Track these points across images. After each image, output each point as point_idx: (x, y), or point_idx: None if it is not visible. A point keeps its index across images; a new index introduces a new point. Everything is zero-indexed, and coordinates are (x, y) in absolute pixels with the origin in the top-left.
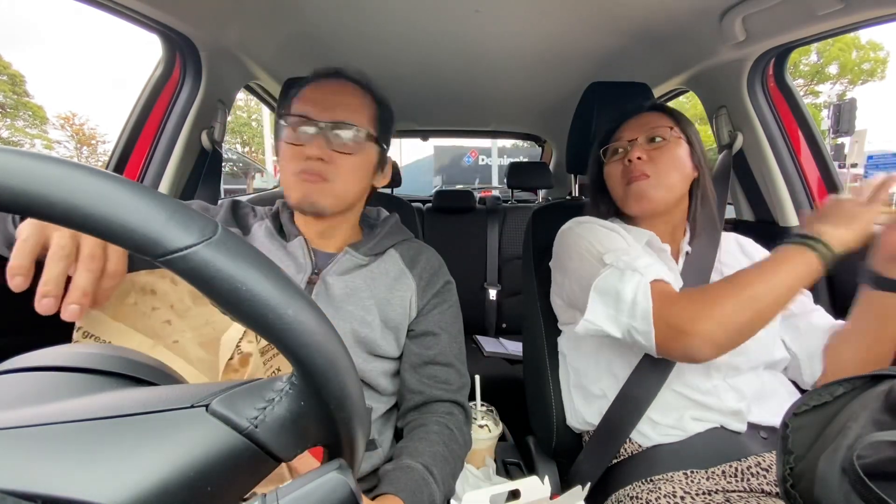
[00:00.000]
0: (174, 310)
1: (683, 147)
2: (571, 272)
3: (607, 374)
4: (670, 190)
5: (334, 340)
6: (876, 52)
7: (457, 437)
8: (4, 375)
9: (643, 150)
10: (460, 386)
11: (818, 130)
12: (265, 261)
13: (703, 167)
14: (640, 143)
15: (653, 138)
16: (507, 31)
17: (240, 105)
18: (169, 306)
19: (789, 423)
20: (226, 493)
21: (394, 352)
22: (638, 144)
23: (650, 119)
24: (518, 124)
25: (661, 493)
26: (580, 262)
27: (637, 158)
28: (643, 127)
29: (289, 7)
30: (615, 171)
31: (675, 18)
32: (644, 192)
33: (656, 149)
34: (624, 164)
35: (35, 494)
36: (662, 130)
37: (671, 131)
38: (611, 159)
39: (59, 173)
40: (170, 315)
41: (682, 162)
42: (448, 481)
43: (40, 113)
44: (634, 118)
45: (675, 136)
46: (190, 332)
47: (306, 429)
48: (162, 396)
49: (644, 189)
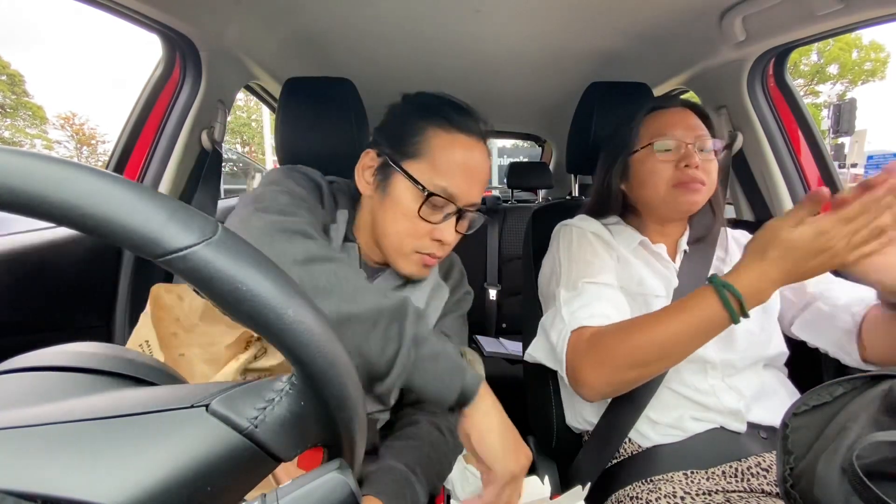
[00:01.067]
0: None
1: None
2: (543, 285)
3: None
4: (707, 198)
5: (334, 340)
6: (877, 53)
7: (447, 439)
8: (4, 375)
9: (698, 159)
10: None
11: (818, 130)
12: (265, 261)
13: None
14: (694, 149)
15: (704, 148)
16: (507, 31)
17: (240, 105)
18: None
19: (789, 423)
20: (226, 493)
21: None
22: (695, 150)
23: (695, 119)
24: (518, 124)
25: (661, 493)
26: (548, 283)
27: (696, 167)
28: (695, 130)
29: (289, 7)
30: (665, 171)
31: (675, 18)
32: (696, 203)
33: (708, 161)
34: (678, 167)
35: (35, 494)
36: (713, 143)
37: (716, 151)
38: (662, 155)
39: (58, 173)
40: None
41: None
42: (434, 482)
43: (40, 113)
44: (680, 113)
45: (716, 145)
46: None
47: (306, 429)
48: (162, 396)
49: (697, 200)
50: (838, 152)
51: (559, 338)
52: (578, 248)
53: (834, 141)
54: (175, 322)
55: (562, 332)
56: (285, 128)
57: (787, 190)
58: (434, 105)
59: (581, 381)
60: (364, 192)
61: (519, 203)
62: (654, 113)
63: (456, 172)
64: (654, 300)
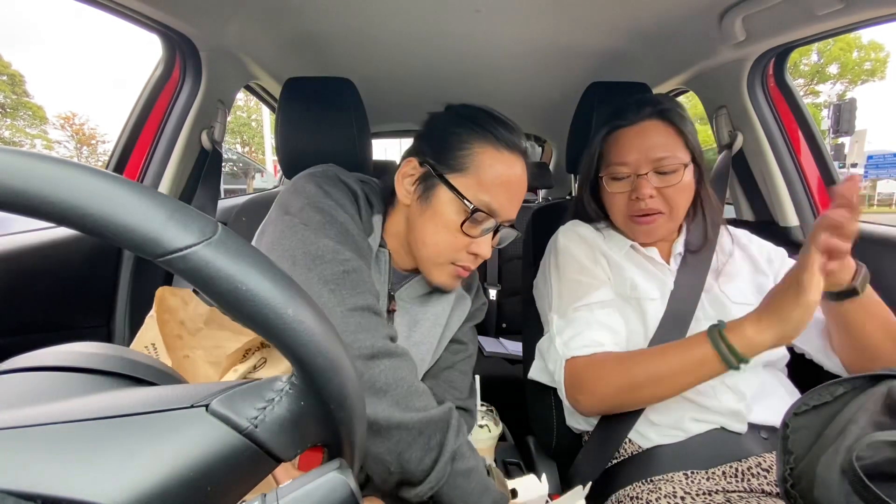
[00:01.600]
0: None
1: (690, 170)
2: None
3: None
4: (679, 220)
5: (334, 340)
6: (877, 53)
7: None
8: (4, 375)
9: (654, 186)
10: (469, 394)
11: (818, 130)
12: (265, 261)
13: (704, 179)
14: (650, 176)
15: (663, 171)
16: (507, 31)
17: (240, 105)
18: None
19: (789, 423)
20: (226, 493)
21: (428, 366)
22: (647, 178)
23: (658, 139)
24: (518, 124)
25: (661, 493)
26: (541, 298)
27: (649, 197)
28: (651, 152)
29: (289, 7)
30: (619, 202)
31: (675, 18)
32: (654, 233)
33: (668, 186)
34: (630, 199)
35: (35, 494)
36: (672, 160)
37: (685, 166)
38: (613, 186)
39: (58, 173)
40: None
41: (690, 188)
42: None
43: (40, 113)
44: (637, 129)
45: (684, 160)
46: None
47: (306, 429)
48: (162, 396)
49: (654, 229)
50: (838, 152)
51: (556, 367)
52: (566, 267)
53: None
54: (179, 325)
55: (557, 362)
56: (285, 128)
57: (787, 190)
58: (481, 119)
59: (578, 405)
60: (403, 200)
61: None
62: (614, 134)
63: (500, 189)
64: (649, 303)
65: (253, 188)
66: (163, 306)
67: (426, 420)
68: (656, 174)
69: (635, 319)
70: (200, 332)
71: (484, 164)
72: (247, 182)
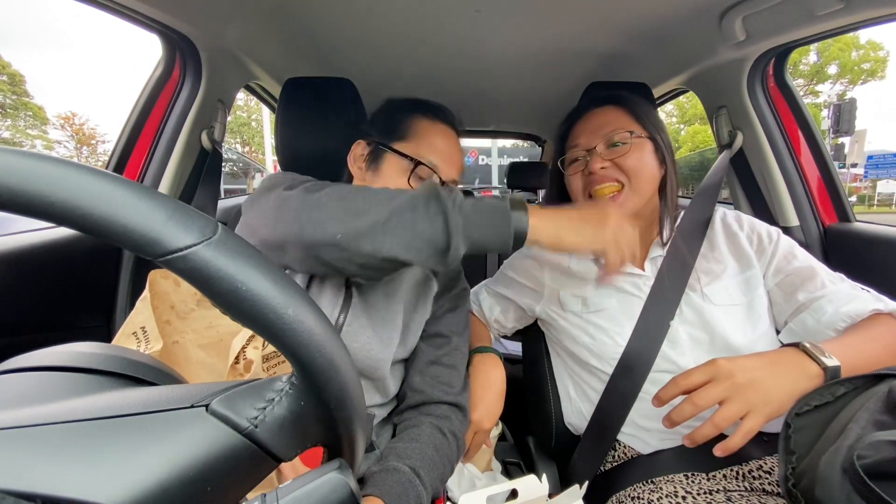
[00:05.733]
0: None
1: (648, 146)
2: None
3: (593, 375)
4: (640, 195)
5: (334, 340)
6: (876, 52)
7: (449, 442)
8: (4, 375)
9: (605, 158)
10: (462, 389)
11: (818, 130)
12: (265, 261)
13: (668, 164)
14: (600, 150)
15: (614, 143)
16: (507, 32)
17: (240, 105)
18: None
19: (791, 423)
20: (226, 493)
21: (405, 354)
22: (597, 153)
23: (607, 118)
24: (518, 124)
25: (662, 492)
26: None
27: (600, 169)
28: (600, 129)
29: (289, 7)
30: (577, 184)
31: (675, 18)
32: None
33: (620, 155)
34: (585, 176)
35: (35, 494)
36: (622, 134)
37: (632, 134)
38: (571, 170)
39: (58, 173)
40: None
41: (647, 163)
42: (436, 485)
43: (40, 113)
44: (588, 116)
45: (638, 136)
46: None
47: (306, 429)
48: (162, 396)
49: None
50: (838, 152)
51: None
52: (507, 267)
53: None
54: (169, 309)
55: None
56: (285, 128)
57: (787, 190)
58: (417, 101)
59: None
60: (356, 176)
61: None
62: (570, 129)
63: (439, 151)
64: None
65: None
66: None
67: (412, 196)
68: (607, 148)
69: (597, 333)
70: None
71: (422, 131)
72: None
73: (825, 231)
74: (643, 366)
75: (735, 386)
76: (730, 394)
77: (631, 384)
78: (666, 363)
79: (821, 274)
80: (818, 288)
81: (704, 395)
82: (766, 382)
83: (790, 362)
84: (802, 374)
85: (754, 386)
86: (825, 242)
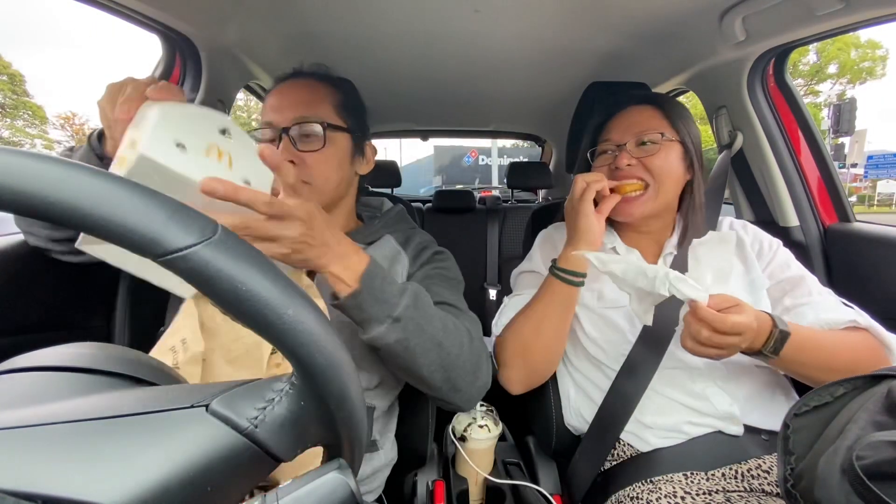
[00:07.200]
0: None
1: (677, 150)
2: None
3: (598, 371)
4: (662, 198)
5: (334, 340)
6: (874, 51)
7: (459, 327)
8: (4, 375)
9: (633, 156)
10: (463, 313)
11: (818, 130)
12: (265, 261)
13: (696, 170)
14: (630, 147)
15: (643, 142)
16: (506, 31)
17: (240, 105)
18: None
19: (790, 423)
20: (226, 493)
21: None
22: (626, 150)
23: (642, 117)
24: (518, 124)
25: (661, 493)
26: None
27: (626, 165)
28: (633, 127)
29: (288, 7)
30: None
31: (675, 18)
32: (631, 214)
33: (648, 155)
34: (611, 170)
35: (35, 494)
36: (653, 134)
37: (663, 136)
38: (598, 162)
39: (59, 173)
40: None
41: (673, 166)
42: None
43: (40, 113)
44: (624, 113)
45: (669, 139)
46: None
47: (306, 429)
48: (162, 396)
49: (632, 212)
50: (838, 152)
51: (492, 347)
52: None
53: (834, 141)
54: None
55: (492, 341)
56: None
57: (787, 190)
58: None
59: (503, 380)
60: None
61: (519, 203)
62: (605, 123)
63: (269, 107)
64: (613, 312)
65: None
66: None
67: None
68: (637, 146)
69: (607, 329)
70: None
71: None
72: None
73: (825, 231)
74: (649, 367)
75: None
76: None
77: (635, 385)
78: (673, 362)
79: (810, 284)
80: (804, 295)
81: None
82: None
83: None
84: (764, 322)
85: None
86: (825, 242)
